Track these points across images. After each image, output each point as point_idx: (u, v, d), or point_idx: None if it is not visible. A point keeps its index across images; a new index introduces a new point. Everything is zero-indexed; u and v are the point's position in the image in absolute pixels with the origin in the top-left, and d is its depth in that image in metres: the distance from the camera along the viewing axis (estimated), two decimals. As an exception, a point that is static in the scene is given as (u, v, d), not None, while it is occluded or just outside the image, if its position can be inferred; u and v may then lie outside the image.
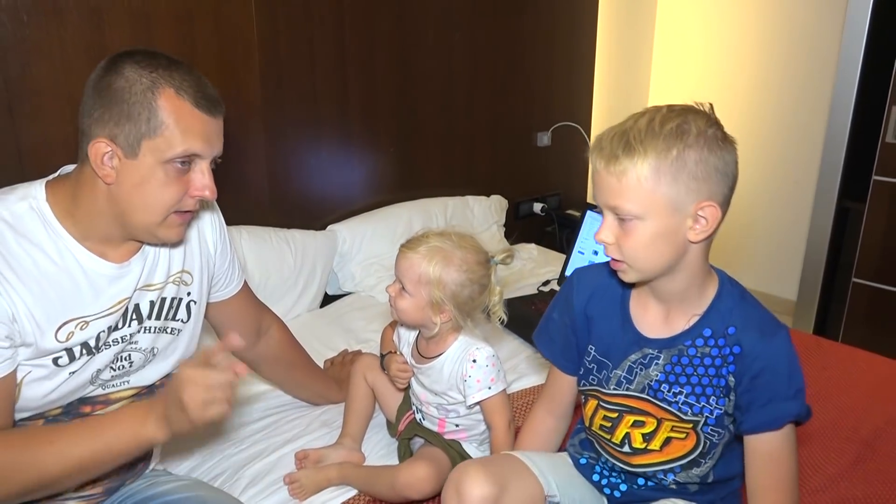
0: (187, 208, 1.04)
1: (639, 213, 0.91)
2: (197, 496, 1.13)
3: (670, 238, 0.92)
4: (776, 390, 0.96)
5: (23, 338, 0.97)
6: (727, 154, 0.91)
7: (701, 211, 0.91)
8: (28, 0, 1.58)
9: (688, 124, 0.90)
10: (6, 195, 1.02)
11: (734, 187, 0.95)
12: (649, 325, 1.04)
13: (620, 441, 1.08)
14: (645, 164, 0.88)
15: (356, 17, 2.23)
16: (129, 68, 0.97)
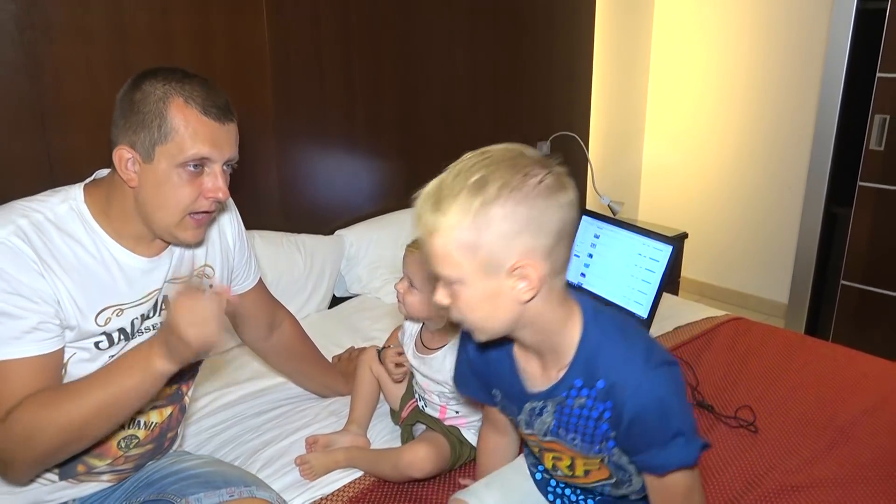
0: (202, 209, 1.12)
1: (455, 278, 0.86)
2: (217, 470, 1.23)
3: (498, 300, 0.86)
4: (652, 438, 0.91)
5: (67, 320, 1.08)
6: (547, 202, 0.83)
7: (518, 270, 0.84)
8: (60, 21, 1.71)
9: (489, 178, 0.82)
10: (49, 197, 1.13)
11: (568, 234, 0.87)
12: (531, 377, 1.00)
13: (552, 467, 1.09)
14: (449, 228, 0.82)
15: (363, 33, 2.35)
16: (147, 83, 1.08)
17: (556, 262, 0.86)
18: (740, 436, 1.55)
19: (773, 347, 1.96)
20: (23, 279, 1.03)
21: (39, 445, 1.03)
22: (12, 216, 1.07)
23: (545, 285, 0.86)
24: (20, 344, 1.03)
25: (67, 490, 1.18)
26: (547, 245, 0.84)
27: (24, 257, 1.03)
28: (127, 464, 1.22)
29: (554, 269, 0.87)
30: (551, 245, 0.84)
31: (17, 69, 1.67)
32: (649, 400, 0.89)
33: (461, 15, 2.62)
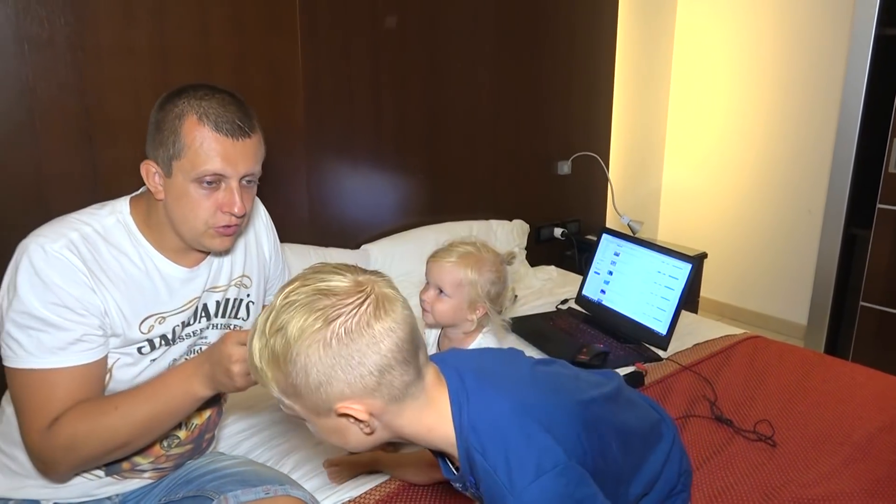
0: (222, 223, 1.15)
1: (302, 417, 0.85)
2: (252, 469, 1.28)
3: (344, 433, 0.84)
4: None
5: (113, 329, 1.14)
6: (357, 339, 0.78)
7: (341, 411, 0.80)
8: (108, 42, 1.81)
9: (288, 325, 0.79)
10: (98, 210, 1.19)
11: (399, 360, 0.80)
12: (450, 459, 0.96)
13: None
14: (267, 379, 0.82)
15: (390, 55, 2.43)
16: (171, 100, 1.11)
17: (392, 390, 0.81)
18: (758, 449, 1.58)
19: (792, 365, 1.98)
20: (71, 291, 1.08)
21: (81, 454, 1.09)
22: (64, 229, 1.12)
23: (387, 412, 0.82)
24: (65, 354, 1.08)
25: (112, 486, 1.24)
26: (368, 385, 0.79)
27: (74, 270, 1.09)
28: (168, 462, 1.28)
29: (391, 397, 0.81)
30: (374, 383, 0.79)
31: (68, 88, 1.77)
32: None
33: (485, 37, 2.70)
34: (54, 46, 1.73)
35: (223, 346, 1.06)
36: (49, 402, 1.08)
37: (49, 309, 1.07)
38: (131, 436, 1.11)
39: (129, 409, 1.09)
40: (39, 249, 1.08)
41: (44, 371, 1.08)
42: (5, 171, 1.72)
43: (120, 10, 1.81)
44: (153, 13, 1.87)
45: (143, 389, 1.13)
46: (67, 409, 1.08)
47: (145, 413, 1.10)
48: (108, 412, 1.09)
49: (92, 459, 1.12)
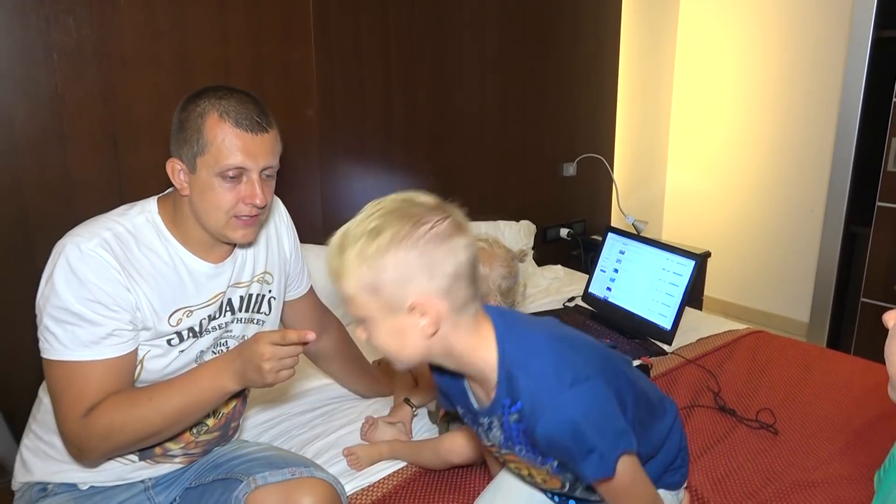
0: (244, 213, 1.21)
1: (363, 317, 0.93)
2: (278, 454, 1.35)
3: (404, 335, 0.92)
4: (569, 455, 0.95)
5: (144, 323, 1.20)
6: (437, 248, 0.89)
7: (417, 308, 0.89)
8: (132, 50, 1.89)
9: (383, 228, 0.89)
10: (128, 210, 1.26)
11: (465, 275, 0.92)
12: (478, 396, 1.05)
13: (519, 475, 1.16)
14: (349, 274, 0.90)
15: (400, 60, 2.51)
16: (192, 101, 1.18)
17: (456, 299, 0.91)
18: (761, 437, 1.64)
19: (793, 358, 2.04)
20: (105, 287, 1.14)
21: (115, 441, 1.16)
22: (97, 229, 1.19)
23: (448, 320, 0.92)
24: (98, 347, 1.15)
25: (145, 470, 1.31)
26: (442, 286, 0.89)
27: (107, 267, 1.15)
28: (197, 448, 1.35)
29: (454, 307, 0.91)
30: (447, 286, 0.90)
31: (94, 95, 1.85)
32: (560, 422, 0.92)
33: (492, 42, 2.78)
34: (82, 55, 1.81)
35: (255, 344, 1.13)
36: (84, 392, 1.14)
37: (84, 304, 1.13)
38: (163, 425, 1.17)
39: (162, 401, 1.16)
40: (75, 248, 1.14)
41: (79, 363, 1.14)
42: (36, 176, 1.80)
43: (144, 19, 1.89)
44: (175, 22, 1.95)
45: (175, 382, 1.19)
46: (103, 400, 1.14)
47: (177, 404, 1.16)
48: (143, 403, 1.16)
49: (125, 446, 1.19)
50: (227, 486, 1.28)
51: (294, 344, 1.14)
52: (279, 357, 1.13)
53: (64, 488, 1.27)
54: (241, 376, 1.16)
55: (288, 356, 1.14)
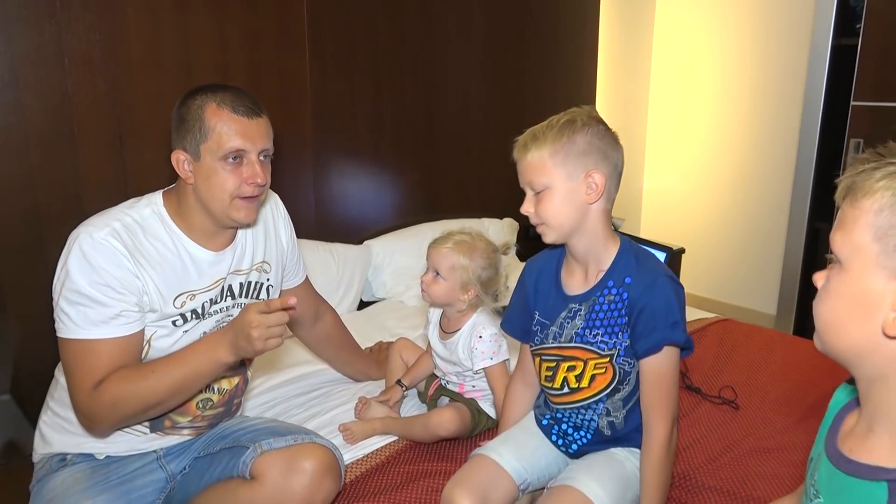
0: (247, 194, 1.32)
1: (546, 184, 1.21)
2: (279, 424, 1.46)
3: (572, 201, 1.21)
4: (656, 322, 1.21)
5: (151, 305, 1.31)
6: (608, 139, 1.23)
7: (590, 178, 1.21)
8: (139, 55, 2.00)
9: (575, 119, 1.22)
10: (136, 203, 1.37)
11: (620, 166, 1.25)
12: (573, 286, 1.31)
13: (560, 385, 1.34)
14: (546, 148, 1.21)
15: (389, 64, 2.64)
16: (190, 98, 1.30)
17: (611, 186, 1.24)
18: (723, 411, 1.78)
19: (758, 343, 2.19)
20: (113, 272, 1.25)
21: (122, 412, 1.27)
22: (108, 220, 1.30)
23: (602, 199, 1.23)
24: (108, 326, 1.26)
25: (156, 441, 1.42)
26: (608, 169, 1.22)
27: (117, 254, 1.26)
28: (203, 421, 1.46)
29: (609, 189, 1.23)
30: (610, 171, 1.23)
31: (103, 96, 1.96)
32: (659, 295, 1.21)
33: (477, 47, 2.92)
34: (91, 60, 1.92)
35: (244, 314, 1.23)
36: (94, 367, 1.25)
37: (95, 287, 1.24)
38: (165, 395, 1.28)
39: (164, 373, 1.27)
40: (88, 237, 1.26)
41: (89, 341, 1.25)
42: (48, 173, 1.91)
43: (149, 26, 2.01)
44: (179, 30, 2.07)
45: (175, 356, 1.30)
46: (111, 373, 1.25)
47: (177, 376, 1.27)
48: (147, 375, 1.26)
49: (131, 416, 1.29)
50: (234, 453, 1.39)
51: (278, 310, 1.23)
52: (266, 325, 1.21)
53: (82, 458, 1.38)
54: (234, 346, 1.25)
55: (274, 324, 1.22)
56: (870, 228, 0.73)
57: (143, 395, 1.26)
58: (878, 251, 0.73)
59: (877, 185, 0.74)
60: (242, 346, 1.24)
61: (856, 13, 2.70)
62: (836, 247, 0.77)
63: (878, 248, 0.73)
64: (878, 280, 0.73)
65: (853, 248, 0.75)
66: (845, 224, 0.76)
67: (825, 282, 0.79)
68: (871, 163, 0.76)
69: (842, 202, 0.78)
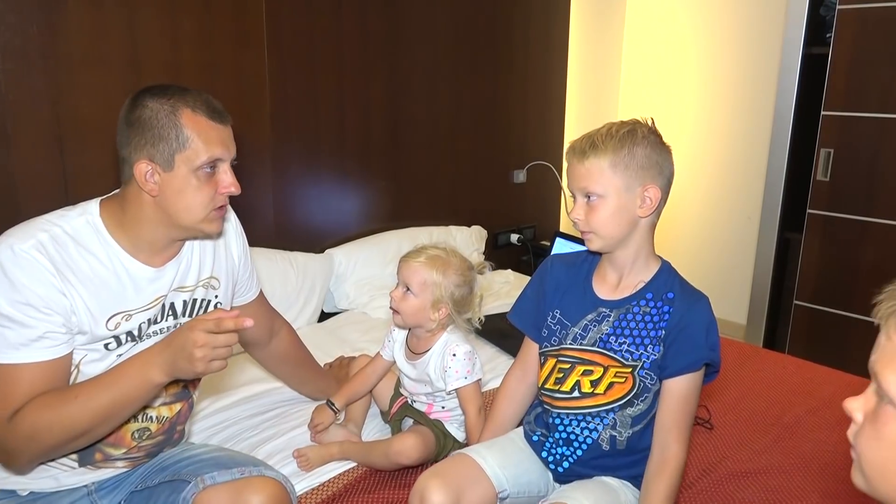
0: (220, 204, 1.24)
1: (602, 193, 1.20)
2: (226, 454, 1.34)
3: (624, 213, 1.21)
4: (697, 341, 1.22)
5: (80, 327, 1.18)
6: (665, 153, 1.23)
7: (646, 192, 1.20)
8: (79, 50, 1.86)
9: (636, 130, 1.21)
10: (68, 212, 1.23)
11: (671, 180, 1.25)
12: (605, 291, 1.31)
13: (571, 388, 1.30)
14: (606, 157, 1.19)
15: (353, 66, 2.53)
16: (149, 100, 1.17)
17: (664, 199, 1.24)
18: (696, 432, 1.71)
19: (729, 356, 2.13)
20: (37, 290, 1.12)
21: (42, 443, 1.13)
22: (33, 231, 1.16)
23: (655, 212, 1.23)
24: (28, 350, 1.13)
25: (87, 475, 1.28)
26: (663, 183, 1.22)
27: (41, 269, 1.13)
28: (140, 452, 1.33)
29: (661, 204, 1.23)
30: (664, 185, 1.23)
31: (39, 94, 1.82)
32: (705, 317, 1.24)
33: (445, 51, 2.83)
34: (27, 55, 1.78)
35: (189, 332, 1.10)
36: (11, 395, 1.12)
37: (14, 307, 1.11)
38: (91, 424, 1.14)
39: (89, 398, 1.13)
40: (8, 250, 1.12)
41: (7, 366, 1.12)
42: (-24, 175, 1.76)
43: (92, 20, 1.87)
44: (125, 24, 1.93)
45: (101, 378, 1.16)
46: (29, 401, 1.11)
47: (104, 401, 1.13)
48: (69, 401, 1.12)
49: (53, 448, 1.16)
50: (174, 487, 1.27)
51: (230, 331, 1.11)
52: (213, 345, 1.10)
53: (2, 495, 1.25)
54: (170, 366, 1.12)
55: (222, 345, 1.11)
56: None
57: (65, 424, 1.12)
58: None
59: None
60: (181, 367, 1.12)
61: (826, 22, 2.69)
62: (890, 387, 0.68)
63: None
64: None
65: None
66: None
67: (876, 422, 0.71)
68: None
69: (888, 327, 0.70)
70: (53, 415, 1.11)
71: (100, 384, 1.15)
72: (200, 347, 1.09)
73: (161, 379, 1.14)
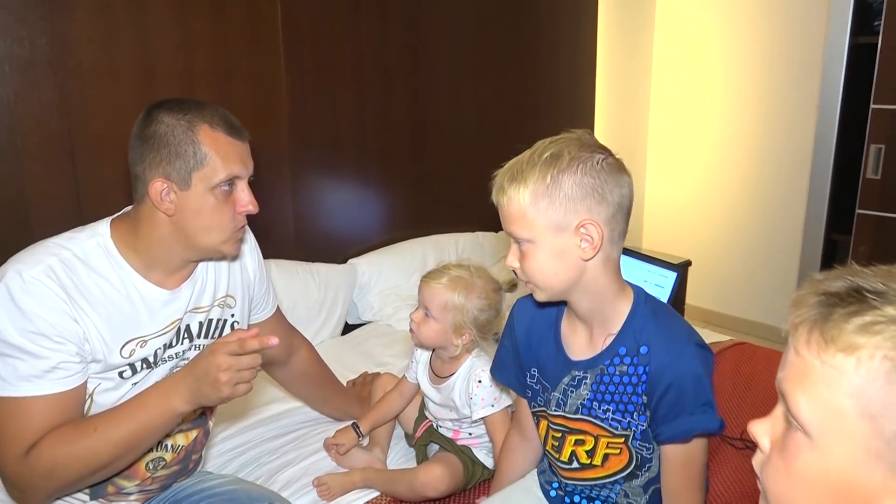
0: (241, 224, 1.20)
1: (529, 237, 0.98)
2: (241, 488, 1.28)
3: (562, 257, 0.98)
4: (683, 405, 1.00)
5: (93, 355, 1.12)
6: (607, 174, 0.97)
7: (583, 228, 0.97)
8: (90, 61, 1.80)
9: (562, 152, 0.97)
10: (77, 234, 1.17)
11: (624, 204, 1.00)
12: (576, 347, 1.10)
13: (568, 459, 1.15)
14: (526, 191, 0.97)
15: (374, 70, 2.45)
16: (165, 115, 1.12)
17: (614, 231, 1.00)
18: (745, 456, 1.59)
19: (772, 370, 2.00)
20: (49, 318, 1.06)
21: (61, 479, 1.08)
22: (42, 255, 1.10)
23: (603, 251, 0.99)
24: (41, 382, 1.07)
25: (97, 509, 1.23)
26: (608, 213, 0.98)
27: (52, 297, 1.07)
28: (154, 484, 1.27)
29: (611, 238, 1.00)
30: (611, 214, 0.98)
31: (51, 107, 1.77)
32: (688, 371, 1.00)
33: (468, 51, 2.73)
34: (35, 67, 1.73)
35: (211, 356, 1.06)
36: (25, 429, 1.06)
37: (25, 337, 1.05)
38: (112, 456, 1.09)
39: (108, 430, 1.08)
40: (17, 276, 1.06)
41: (20, 399, 1.06)
42: (-13, 192, 1.71)
43: (101, 29, 1.81)
44: (136, 31, 1.87)
45: (121, 409, 1.12)
46: (45, 435, 1.06)
47: (124, 433, 1.09)
48: (88, 434, 1.08)
49: (72, 483, 1.11)
50: (186, 524, 1.20)
51: (254, 352, 1.07)
52: (237, 368, 1.06)
53: (11, 530, 1.19)
54: (193, 394, 1.08)
55: (247, 367, 1.07)
56: (853, 398, 0.55)
57: (84, 459, 1.07)
58: (870, 433, 0.54)
59: (859, 339, 0.55)
60: (205, 393, 1.07)
61: (874, 10, 2.53)
62: (799, 410, 0.58)
63: (868, 429, 0.54)
64: (874, 473, 0.54)
65: (828, 415, 0.56)
66: (810, 380, 0.57)
67: (784, 452, 0.60)
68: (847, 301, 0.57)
69: (796, 340, 0.59)
70: (72, 449, 1.07)
71: (119, 415, 1.10)
72: (225, 371, 1.05)
73: (184, 408, 1.10)
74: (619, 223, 1.00)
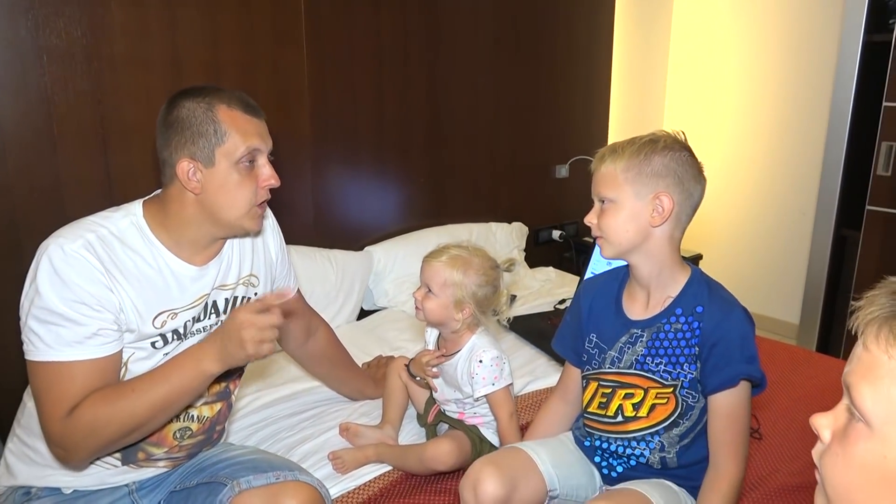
0: (262, 199, 1.27)
1: (613, 197, 1.18)
2: (263, 458, 1.35)
3: (635, 220, 1.18)
4: (731, 356, 1.16)
5: (128, 325, 1.21)
6: (688, 166, 1.18)
7: (657, 200, 1.16)
8: (123, 52, 1.89)
9: (658, 140, 1.18)
10: (113, 213, 1.26)
11: (695, 195, 1.19)
12: (635, 310, 1.27)
13: (614, 413, 1.28)
14: (621, 162, 1.17)
15: (392, 62, 2.51)
16: (186, 101, 1.21)
17: (682, 213, 1.19)
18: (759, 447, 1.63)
19: (781, 362, 2.05)
20: (88, 288, 1.15)
21: (102, 437, 1.16)
22: (81, 231, 1.19)
23: (668, 224, 1.18)
24: (83, 347, 1.15)
25: (129, 474, 1.31)
26: (681, 195, 1.17)
27: (91, 269, 1.15)
28: (181, 452, 1.35)
29: (678, 218, 1.19)
30: (683, 199, 1.17)
31: (85, 97, 1.85)
32: (737, 328, 1.17)
33: (485, 44, 2.78)
34: (72, 57, 1.81)
35: (234, 315, 1.15)
36: (68, 392, 1.14)
37: (67, 305, 1.13)
38: (148, 415, 1.17)
39: (145, 391, 1.16)
40: (59, 249, 1.15)
41: (63, 363, 1.14)
42: (26, 177, 1.80)
43: (134, 21, 1.89)
44: (166, 24, 1.95)
45: (157, 372, 1.20)
46: (86, 397, 1.14)
47: (160, 393, 1.16)
48: (126, 395, 1.16)
49: (111, 442, 1.18)
50: (211, 489, 1.28)
51: (273, 306, 1.16)
52: (259, 326, 1.14)
53: (47, 492, 1.28)
54: (221, 353, 1.16)
55: (268, 325, 1.15)
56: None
57: (123, 417, 1.15)
58: None
59: None
60: (232, 353, 1.15)
61: (889, 8, 2.55)
62: (863, 402, 0.61)
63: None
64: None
65: (891, 407, 0.60)
66: (877, 373, 0.61)
67: (845, 441, 0.64)
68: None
69: (866, 336, 0.63)
70: (112, 409, 1.14)
71: (155, 378, 1.18)
72: (248, 329, 1.13)
73: (215, 368, 1.18)
74: (686, 210, 1.19)
